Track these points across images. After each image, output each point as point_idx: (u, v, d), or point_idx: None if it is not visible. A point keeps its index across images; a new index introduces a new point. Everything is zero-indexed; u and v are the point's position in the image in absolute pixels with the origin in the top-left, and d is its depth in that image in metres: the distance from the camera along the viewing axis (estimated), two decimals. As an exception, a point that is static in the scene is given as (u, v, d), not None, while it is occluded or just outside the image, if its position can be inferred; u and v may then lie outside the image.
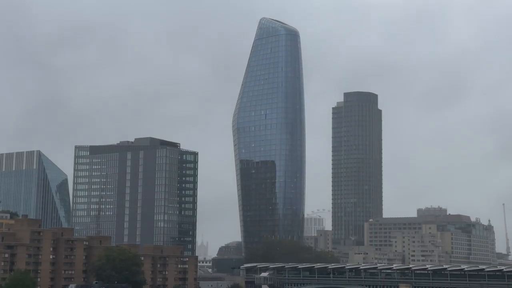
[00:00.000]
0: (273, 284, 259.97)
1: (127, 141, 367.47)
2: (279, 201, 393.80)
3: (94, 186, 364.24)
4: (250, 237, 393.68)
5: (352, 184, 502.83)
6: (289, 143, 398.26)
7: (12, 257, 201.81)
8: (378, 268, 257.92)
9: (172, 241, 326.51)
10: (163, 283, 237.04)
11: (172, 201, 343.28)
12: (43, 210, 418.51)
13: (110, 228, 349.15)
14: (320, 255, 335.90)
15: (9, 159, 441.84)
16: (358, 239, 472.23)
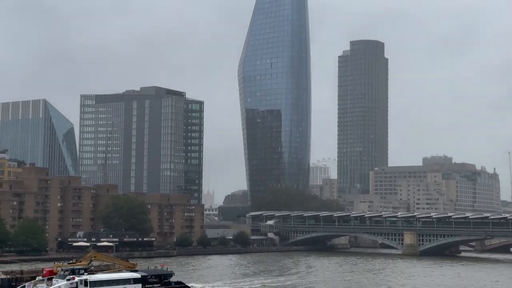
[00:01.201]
0: (279, 232, 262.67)
1: (132, 90, 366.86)
2: (284, 150, 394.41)
3: (101, 135, 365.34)
4: (256, 185, 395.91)
5: (358, 133, 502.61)
6: (294, 92, 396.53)
7: (20, 205, 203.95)
8: (383, 216, 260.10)
9: (179, 190, 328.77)
10: (170, 231, 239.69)
11: (178, 150, 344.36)
12: (50, 158, 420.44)
13: (116, 176, 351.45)
14: (325, 203, 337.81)
15: (15, 108, 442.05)
16: (363, 188, 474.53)
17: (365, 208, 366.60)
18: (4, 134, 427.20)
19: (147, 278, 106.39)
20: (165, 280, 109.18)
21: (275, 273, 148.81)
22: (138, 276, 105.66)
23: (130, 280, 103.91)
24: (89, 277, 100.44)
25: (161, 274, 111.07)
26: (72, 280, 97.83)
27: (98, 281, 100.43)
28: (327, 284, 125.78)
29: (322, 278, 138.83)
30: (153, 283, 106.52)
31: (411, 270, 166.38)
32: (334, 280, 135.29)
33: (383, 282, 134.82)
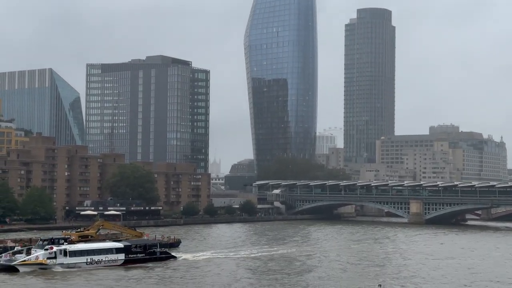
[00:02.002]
0: (285, 201, 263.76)
1: (138, 59, 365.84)
2: (291, 119, 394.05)
3: (107, 104, 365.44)
4: (262, 155, 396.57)
5: (364, 102, 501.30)
6: (301, 60, 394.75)
7: (28, 174, 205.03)
8: (389, 185, 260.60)
9: (185, 159, 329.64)
10: (177, 199, 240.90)
11: (184, 119, 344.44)
12: (56, 128, 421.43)
13: (123, 146, 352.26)
14: (331, 172, 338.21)
15: (21, 77, 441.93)
16: (370, 157, 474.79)
17: (371, 177, 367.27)
18: (11, 103, 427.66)
19: (131, 248, 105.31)
20: (150, 250, 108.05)
21: (281, 242, 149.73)
22: (120, 245, 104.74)
23: (112, 249, 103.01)
24: (69, 246, 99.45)
25: (146, 244, 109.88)
26: (50, 250, 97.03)
27: (78, 251, 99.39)
28: (333, 253, 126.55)
29: (328, 247, 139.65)
30: (137, 253, 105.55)
31: (416, 238, 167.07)
32: (340, 249, 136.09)
33: (389, 250, 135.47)
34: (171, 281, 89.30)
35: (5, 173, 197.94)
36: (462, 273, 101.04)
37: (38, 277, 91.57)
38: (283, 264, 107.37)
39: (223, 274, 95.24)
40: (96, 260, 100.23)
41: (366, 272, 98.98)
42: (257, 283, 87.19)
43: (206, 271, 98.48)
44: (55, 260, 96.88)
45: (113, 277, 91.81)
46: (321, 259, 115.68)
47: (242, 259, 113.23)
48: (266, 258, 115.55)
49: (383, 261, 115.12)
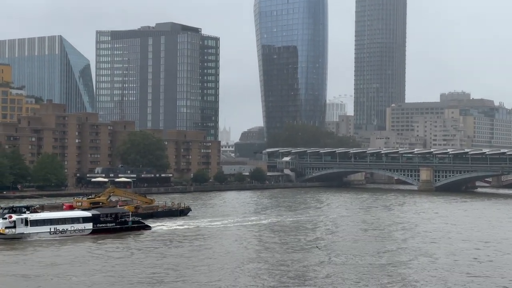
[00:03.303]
0: (295, 168, 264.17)
1: (148, 26, 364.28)
2: (301, 86, 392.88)
3: (117, 72, 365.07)
4: (272, 122, 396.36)
5: (375, 69, 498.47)
6: (311, 27, 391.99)
7: (39, 141, 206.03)
8: (399, 153, 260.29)
9: (195, 126, 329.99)
10: (187, 167, 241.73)
11: (194, 87, 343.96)
12: (67, 95, 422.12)
13: (133, 113, 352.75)
14: (341, 140, 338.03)
15: (31, 44, 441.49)
16: (380, 124, 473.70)
17: (382, 144, 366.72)
18: (21, 70, 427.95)
19: (99, 216, 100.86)
20: (121, 219, 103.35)
21: (291, 209, 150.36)
22: (88, 214, 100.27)
23: (79, 219, 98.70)
24: (30, 215, 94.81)
25: (116, 212, 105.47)
26: (9, 218, 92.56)
27: (40, 220, 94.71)
28: (343, 220, 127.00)
29: (338, 214, 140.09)
30: (106, 222, 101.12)
31: (426, 205, 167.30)
32: (350, 216, 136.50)
33: (399, 217, 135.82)
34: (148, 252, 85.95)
35: (16, 140, 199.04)
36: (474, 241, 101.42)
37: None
38: (291, 231, 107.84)
39: (230, 241, 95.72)
40: (60, 229, 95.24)
41: (376, 239, 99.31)
42: (263, 249, 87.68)
43: (208, 241, 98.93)
44: (14, 229, 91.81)
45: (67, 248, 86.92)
46: (330, 226, 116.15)
47: (250, 226, 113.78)
48: (275, 225, 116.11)
49: (393, 227, 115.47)
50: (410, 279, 68.97)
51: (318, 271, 72.40)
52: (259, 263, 76.65)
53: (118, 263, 76.25)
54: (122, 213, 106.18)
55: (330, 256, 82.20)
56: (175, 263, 75.63)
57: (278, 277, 68.81)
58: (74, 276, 68.23)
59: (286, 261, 77.84)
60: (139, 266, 73.86)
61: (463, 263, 78.84)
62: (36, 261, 77.15)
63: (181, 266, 73.82)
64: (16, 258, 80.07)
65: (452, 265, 77.41)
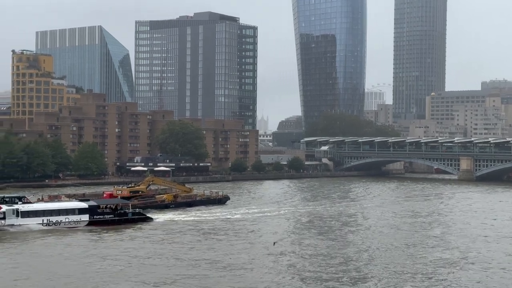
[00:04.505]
0: (333, 157, 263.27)
1: (186, 16, 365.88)
2: (339, 75, 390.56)
3: (156, 61, 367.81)
4: (310, 111, 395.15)
5: (414, 57, 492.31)
6: (350, 15, 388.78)
7: (79, 130, 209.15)
8: (439, 142, 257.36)
9: (233, 116, 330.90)
10: (225, 156, 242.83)
11: (232, 76, 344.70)
12: (107, 85, 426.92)
13: (172, 102, 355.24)
14: (380, 129, 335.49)
15: (72, 34, 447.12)
16: (419, 113, 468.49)
17: (421, 133, 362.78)
18: (62, 61, 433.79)
19: (96, 208, 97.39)
20: (121, 211, 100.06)
21: (329, 199, 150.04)
22: (84, 205, 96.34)
23: (75, 210, 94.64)
24: (21, 206, 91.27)
25: (116, 204, 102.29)
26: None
27: (32, 211, 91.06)
28: (382, 209, 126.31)
29: (377, 203, 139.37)
30: (104, 214, 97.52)
31: (467, 195, 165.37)
32: (389, 206, 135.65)
33: (440, 206, 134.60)
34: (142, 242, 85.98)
35: (57, 129, 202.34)
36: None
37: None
38: (329, 220, 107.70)
39: (268, 230, 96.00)
40: (54, 221, 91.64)
41: (416, 228, 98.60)
42: (301, 238, 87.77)
43: (246, 229, 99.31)
44: (3, 221, 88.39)
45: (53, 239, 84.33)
46: (370, 216, 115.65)
47: (288, 215, 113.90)
48: (312, 214, 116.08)
49: (433, 217, 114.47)
50: (448, 274, 68.41)
51: (356, 260, 72.27)
52: (296, 252, 76.79)
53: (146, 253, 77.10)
54: (121, 204, 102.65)
55: (368, 246, 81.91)
56: (215, 250, 76.21)
57: (315, 266, 68.87)
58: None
59: (323, 249, 77.81)
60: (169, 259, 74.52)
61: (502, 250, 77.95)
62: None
63: (220, 254, 74.37)
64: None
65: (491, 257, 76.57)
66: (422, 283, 62.12)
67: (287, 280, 62.50)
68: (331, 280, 62.71)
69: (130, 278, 62.62)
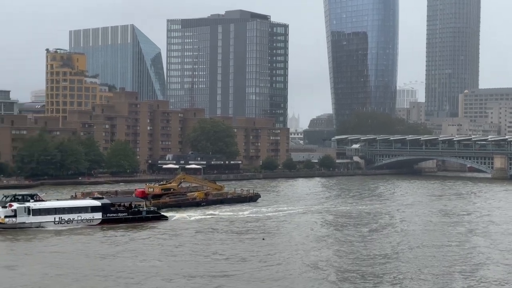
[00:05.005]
0: (364, 155, 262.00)
1: (217, 14, 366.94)
2: (370, 73, 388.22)
3: (187, 60, 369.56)
4: (341, 109, 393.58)
5: (447, 55, 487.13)
6: (381, 13, 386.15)
7: (112, 128, 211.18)
8: (472, 140, 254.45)
9: (264, 114, 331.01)
10: (256, 154, 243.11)
11: (263, 74, 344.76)
12: (139, 83, 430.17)
13: (203, 100, 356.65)
14: (412, 127, 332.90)
15: (104, 33, 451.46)
16: (452, 111, 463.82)
17: (454, 131, 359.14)
18: (95, 59, 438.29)
19: (110, 206, 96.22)
20: (135, 209, 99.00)
21: (361, 197, 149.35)
22: (97, 203, 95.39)
23: (87, 208, 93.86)
24: (33, 204, 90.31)
25: (130, 202, 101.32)
26: (9, 207, 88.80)
27: (43, 209, 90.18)
28: (414, 208, 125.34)
29: (409, 202, 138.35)
30: (118, 212, 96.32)
31: (502, 194, 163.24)
32: (421, 204, 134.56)
33: (474, 205, 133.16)
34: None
35: (90, 127, 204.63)
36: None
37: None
38: (361, 218, 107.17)
39: (298, 228, 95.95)
40: (66, 219, 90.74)
41: (450, 228, 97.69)
42: (333, 237, 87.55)
43: (276, 228, 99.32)
44: (14, 218, 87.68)
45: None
46: (402, 214, 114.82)
47: (319, 214, 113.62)
48: (344, 212, 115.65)
49: (467, 216, 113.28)
50: (486, 274, 67.71)
51: (389, 259, 71.90)
52: (327, 251, 76.63)
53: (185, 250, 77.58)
54: (135, 202, 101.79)
55: (403, 245, 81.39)
56: (246, 249, 76.43)
57: (348, 264, 68.70)
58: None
59: (356, 248, 77.57)
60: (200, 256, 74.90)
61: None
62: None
63: (252, 252, 74.57)
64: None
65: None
66: (463, 284, 61.49)
67: (322, 278, 62.42)
68: (369, 278, 62.48)
69: (168, 273, 63.11)
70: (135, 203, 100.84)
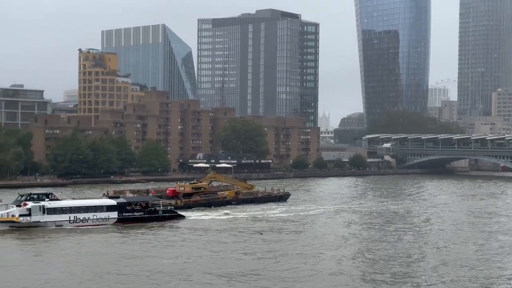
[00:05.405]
0: (396, 154, 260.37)
1: (248, 13, 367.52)
2: (402, 71, 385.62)
3: (218, 59, 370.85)
4: (372, 108, 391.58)
5: (480, 53, 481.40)
6: (413, 11, 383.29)
7: (143, 127, 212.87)
8: (506, 139, 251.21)
9: (294, 113, 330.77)
10: (286, 153, 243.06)
11: (293, 73, 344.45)
12: (170, 82, 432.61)
13: (233, 100, 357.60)
14: (444, 126, 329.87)
15: (136, 33, 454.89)
16: (485, 110, 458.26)
17: (487, 130, 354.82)
18: (127, 59, 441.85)
19: (125, 205, 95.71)
20: (151, 208, 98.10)
21: (392, 196, 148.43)
22: (113, 203, 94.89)
23: (103, 207, 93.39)
24: (47, 203, 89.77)
25: (146, 201, 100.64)
26: (23, 206, 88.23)
27: (58, 208, 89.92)
28: (446, 208, 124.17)
29: (441, 202, 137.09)
30: (134, 211, 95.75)
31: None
32: (454, 204, 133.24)
33: (505, 206, 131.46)
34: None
35: (122, 126, 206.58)
36: None
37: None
38: (393, 218, 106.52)
39: (328, 228, 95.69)
40: (81, 218, 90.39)
41: (483, 227, 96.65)
42: (364, 237, 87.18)
43: (305, 227, 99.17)
44: (29, 217, 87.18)
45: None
46: (432, 214, 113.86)
47: (350, 213, 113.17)
48: (375, 212, 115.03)
49: (502, 216, 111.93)
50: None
51: (422, 259, 71.41)
52: (357, 251, 76.34)
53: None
54: (152, 201, 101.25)
55: (437, 245, 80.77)
56: (276, 249, 76.53)
57: (381, 264, 68.41)
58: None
59: (387, 249, 77.18)
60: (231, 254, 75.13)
61: None
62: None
63: (283, 251, 74.64)
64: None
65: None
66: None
67: (351, 278, 62.30)
68: (401, 279, 62.17)
69: (205, 270, 63.50)
70: (151, 203, 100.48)
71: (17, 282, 59.24)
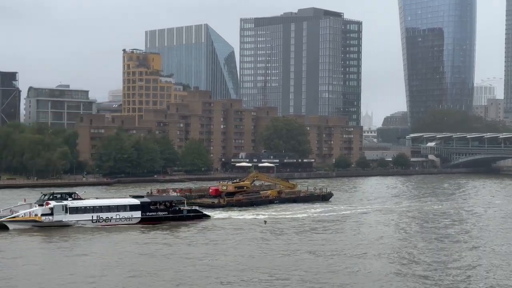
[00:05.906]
0: (440, 154, 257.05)
1: (290, 12, 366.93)
2: (446, 69, 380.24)
3: (260, 58, 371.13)
4: (416, 107, 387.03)
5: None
6: (458, 8, 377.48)
7: (186, 126, 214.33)
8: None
9: (337, 112, 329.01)
10: (329, 152, 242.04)
11: (336, 72, 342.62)
12: (212, 82, 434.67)
13: (276, 99, 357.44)
14: (490, 124, 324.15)
15: (179, 33, 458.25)
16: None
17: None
18: (170, 59, 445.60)
19: (149, 204, 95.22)
20: (174, 207, 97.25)
21: (437, 196, 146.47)
22: (136, 202, 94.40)
23: (126, 206, 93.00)
24: (70, 202, 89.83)
25: (170, 201, 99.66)
26: (46, 205, 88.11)
27: (81, 208, 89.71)
28: (492, 209, 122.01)
29: (486, 202, 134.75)
30: (157, 211, 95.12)
31: None
32: (501, 205, 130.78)
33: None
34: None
35: (165, 126, 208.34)
36: None
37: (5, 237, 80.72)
38: (437, 218, 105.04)
39: (371, 228, 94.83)
40: (104, 218, 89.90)
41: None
42: (407, 237, 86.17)
43: (348, 227, 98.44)
44: (51, 217, 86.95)
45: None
46: (478, 215, 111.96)
47: (393, 213, 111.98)
48: (421, 212, 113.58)
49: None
50: None
51: (464, 260, 70.30)
52: (400, 252, 75.50)
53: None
54: (176, 201, 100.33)
55: (477, 245, 79.44)
56: (310, 249, 76.23)
57: (424, 267, 67.59)
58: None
59: (430, 250, 76.17)
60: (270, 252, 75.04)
61: None
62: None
63: (323, 250, 74.30)
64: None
65: None
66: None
67: (392, 281, 61.70)
68: (446, 283, 61.36)
69: (242, 269, 63.67)
70: (175, 202, 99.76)
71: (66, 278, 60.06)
